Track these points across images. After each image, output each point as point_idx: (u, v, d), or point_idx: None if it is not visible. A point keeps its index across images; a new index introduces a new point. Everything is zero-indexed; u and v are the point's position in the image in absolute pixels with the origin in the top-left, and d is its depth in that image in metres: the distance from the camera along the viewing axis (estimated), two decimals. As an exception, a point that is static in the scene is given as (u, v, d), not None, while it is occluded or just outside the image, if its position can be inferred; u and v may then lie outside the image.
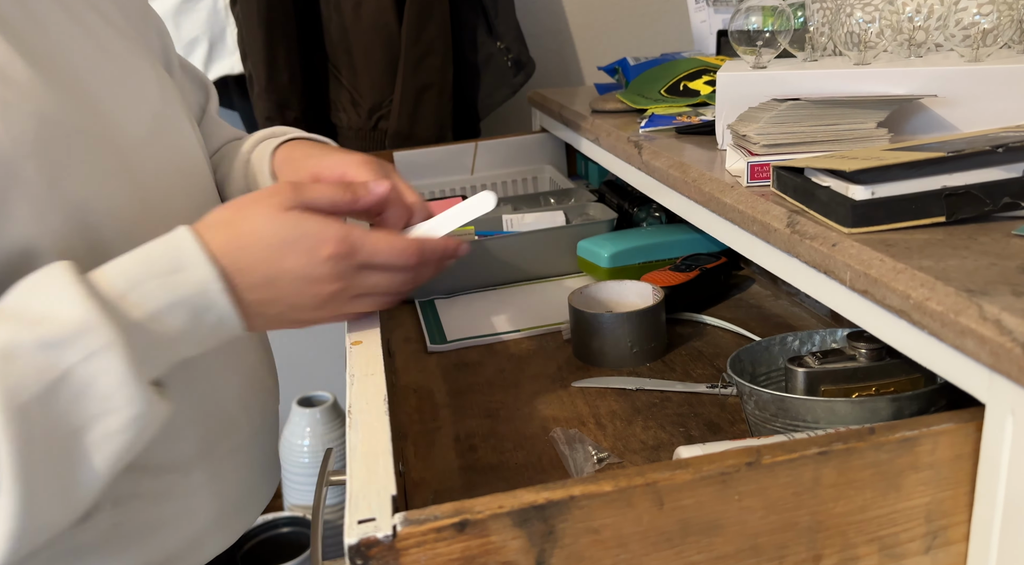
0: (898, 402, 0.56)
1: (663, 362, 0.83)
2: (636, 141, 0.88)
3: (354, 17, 1.36)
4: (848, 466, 0.44)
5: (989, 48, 0.71)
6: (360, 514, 0.39)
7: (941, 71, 0.70)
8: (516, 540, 0.40)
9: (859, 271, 0.51)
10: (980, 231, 0.53)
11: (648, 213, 1.12)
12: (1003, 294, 0.43)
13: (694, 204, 0.75)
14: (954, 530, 0.47)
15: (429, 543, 0.39)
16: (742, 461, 0.42)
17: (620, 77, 1.19)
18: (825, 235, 0.55)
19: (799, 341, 0.71)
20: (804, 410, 0.58)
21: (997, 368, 0.41)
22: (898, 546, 0.47)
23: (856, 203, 0.54)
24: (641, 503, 0.41)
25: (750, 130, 0.68)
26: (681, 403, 0.74)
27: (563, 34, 1.66)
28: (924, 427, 0.45)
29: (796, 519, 0.44)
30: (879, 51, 0.75)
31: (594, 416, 0.73)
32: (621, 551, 0.42)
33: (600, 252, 1.00)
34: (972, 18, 0.70)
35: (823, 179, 0.58)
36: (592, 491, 0.40)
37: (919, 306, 0.46)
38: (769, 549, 0.44)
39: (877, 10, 0.74)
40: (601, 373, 0.81)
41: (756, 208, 0.63)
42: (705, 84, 0.99)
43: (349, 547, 0.38)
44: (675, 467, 0.42)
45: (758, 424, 0.62)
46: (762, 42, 0.78)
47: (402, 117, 1.37)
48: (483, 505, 0.39)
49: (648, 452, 0.67)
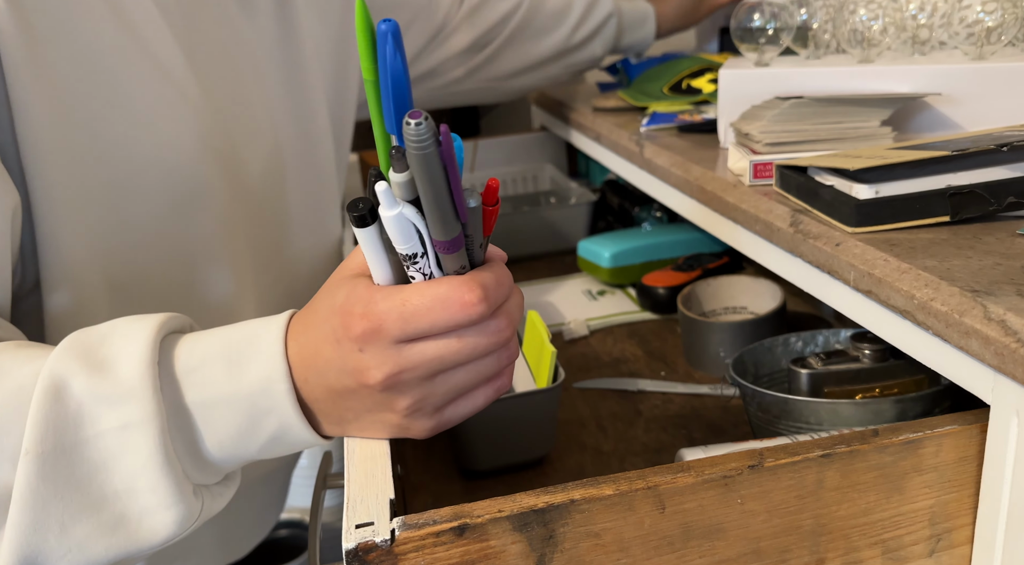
0: (902, 404, 0.56)
1: (665, 363, 0.83)
2: (637, 139, 0.88)
3: (354, 15, 1.35)
4: (851, 468, 0.44)
5: (993, 46, 0.70)
6: (358, 518, 0.39)
7: (945, 69, 0.70)
8: (516, 544, 0.39)
9: (863, 271, 0.50)
10: (985, 231, 0.53)
11: (649, 213, 1.12)
12: (1008, 294, 0.43)
13: (696, 203, 0.75)
14: (958, 533, 0.47)
15: (428, 547, 0.38)
16: (745, 464, 0.42)
17: (622, 76, 1.18)
18: (829, 234, 0.55)
19: (802, 342, 0.71)
20: (807, 412, 0.57)
21: (1002, 369, 0.41)
22: (902, 549, 0.46)
23: (860, 202, 0.53)
24: (642, 506, 0.41)
25: (753, 128, 0.68)
26: (683, 405, 0.74)
27: (564, 32, 1.65)
28: (928, 429, 0.45)
29: (799, 522, 0.44)
30: (883, 49, 0.75)
31: (595, 417, 0.72)
32: (622, 555, 0.41)
33: (601, 252, 0.99)
34: (976, 16, 0.70)
35: (827, 178, 0.57)
36: (593, 494, 0.40)
37: (923, 306, 0.45)
38: (772, 553, 0.44)
39: (881, 7, 0.73)
40: (604, 375, 0.80)
41: (759, 207, 0.63)
42: (708, 82, 0.99)
43: (347, 551, 0.37)
44: (677, 470, 0.42)
45: (761, 426, 0.62)
46: (765, 40, 0.77)
47: (402, 116, 1.36)
48: (482, 509, 0.39)
49: (649, 454, 0.66)
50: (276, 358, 0.43)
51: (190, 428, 0.43)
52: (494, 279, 0.41)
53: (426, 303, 0.40)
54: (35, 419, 0.41)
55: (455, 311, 0.40)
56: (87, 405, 0.42)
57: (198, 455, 0.44)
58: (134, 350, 0.43)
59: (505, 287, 0.42)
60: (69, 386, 0.42)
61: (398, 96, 0.37)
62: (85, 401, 0.42)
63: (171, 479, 0.43)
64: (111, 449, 0.42)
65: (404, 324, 0.40)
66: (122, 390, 0.42)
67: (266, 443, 0.45)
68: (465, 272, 0.42)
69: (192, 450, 0.44)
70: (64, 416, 0.41)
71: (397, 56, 0.36)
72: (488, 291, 0.40)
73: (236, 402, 0.43)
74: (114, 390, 0.42)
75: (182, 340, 0.45)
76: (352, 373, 0.42)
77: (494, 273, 0.42)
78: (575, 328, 0.89)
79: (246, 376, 0.43)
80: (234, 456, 0.45)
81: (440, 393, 0.43)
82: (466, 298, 0.39)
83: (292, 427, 0.44)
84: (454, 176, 0.37)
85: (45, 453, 0.41)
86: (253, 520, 0.78)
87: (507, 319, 0.42)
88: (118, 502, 0.43)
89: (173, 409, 0.43)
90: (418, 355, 0.41)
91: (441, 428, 0.45)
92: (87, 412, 0.42)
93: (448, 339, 0.41)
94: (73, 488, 0.42)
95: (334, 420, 0.45)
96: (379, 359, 0.41)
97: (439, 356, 0.41)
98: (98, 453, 0.42)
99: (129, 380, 0.42)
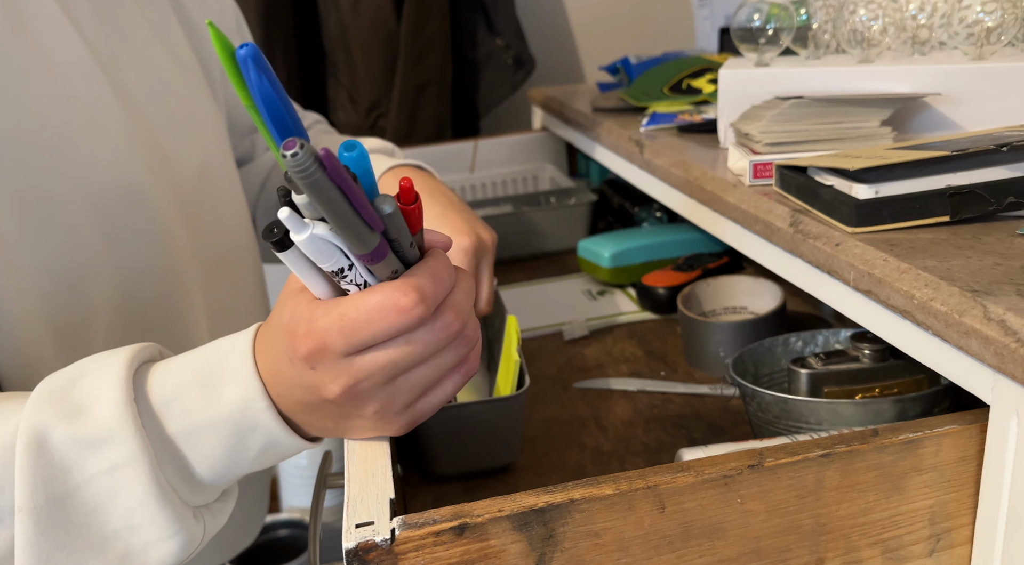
0: (902, 403, 0.56)
1: (665, 363, 0.83)
2: (637, 139, 0.88)
3: (352, 14, 1.35)
4: (851, 468, 0.44)
5: (993, 46, 0.70)
6: (358, 518, 0.39)
7: (945, 69, 0.70)
8: (516, 544, 0.39)
9: (863, 271, 0.51)
10: (984, 231, 0.53)
11: (649, 213, 1.12)
12: (1008, 294, 0.43)
13: (696, 203, 0.75)
14: (958, 532, 0.47)
15: (428, 547, 0.38)
16: (744, 463, 0.42)
17: (622, 76, 1.18)
18: (828, 234, 0.55)
19: (802, 342, 0.71)
20: (807, 412, 0.57)
21: (1001, 369, 0.41)
22: (902, 549, 0.46)
23: (860, 202, 0.53)
24: (642, 506, 0.41)
25: (753, 128, 0.68)
26: (683, 405, 0.74)
27: (563, 31, 1.66)
28: (928, 429, 0.45)
29: (799, 522, 0.44)
30: (882, 49, 0.75)
31: (595, 418, 0.72)
32: (622, 555, 0.41)
33: (601, 252, 0.99)
34: (976, 16, 0.70)
35: (826, 178, 0.57)
36: (593, 494, 0.40)
37: (923, 306, 0.46)
38: (771, 552, 0.44)
39: (881, 7, 0.73)
40: (604, 375, 0.81)
41: (759, 207, 0.63)
42: (708, 82, 0.99)
43: (347, 551, 0.37)
44: (677, 470, 0.42)
45: (761, 426, 0.62)
46: (765, 40, 0.77)
47: (401, 115, 1.36)
48: (482, 508, 0.39)
49: (649, 454, 0.66)
50: (249, 379, 0.43)
51: (179, 457, 0.44)
52: (430, 277, 0.40)
53: (363, 316, 0.39)
54: (22, 476, 0.41)
55: (394, 319, 0.39)
56: (71, 453, 0.42)
57: (191, 480, 0.44)
58: (109, 390, 0.42)
59: (444, 282, 0.41)
60: (49, 438, 0.42)
61: (276, 118, 0.36)
62: (68, 449, 0.42)
63: (169, 510, 0.43)
64: (103, 491, 0.42)
65: (347, 338, 0.39)
66: (103, 432, 0.42)
67: (256, 457, 0.45)
68: (399, 275, 0.41)
69: (185, 476, 0.44)
70: (50, 468, 0.41)
71: (263, 79, 0.35)
72: (424, 291, 0.40)
73: (218, 426, 0.43)
74: (96, 433, 0.42)
75: (154, 371, 0.45)
76: (311, 389, 0.42)
77: (430, 270, 0.41)
78: (575, 328, 0.89)
79: (223, 399, 0.43)
80: (227, 474, 0.45)
81: (404, 392, 0.42)
82: (401, 303, 0.39)
83: (279, 439, 0.44)
84: (352, 193, 0.35)
85: (39, 507, 0.41)
86: (243, 517, 0.78)
87: (453, 312, 0.41)
88: (119, 540, 0.43)
89: (158, 441, 0.43)
90: (369, 364, 0.40)
91: (417, 422, 0.45)
92: (72, 460, 0.42)
93: (396, 345, 0.40)
94: (74, 535, 0.42)
95: (316, 428, 0.45)
96: (331, 375, 0.41)
97: (391, 361, 0.41)
98: (91, 497, 0.42)
99: (109, 421, 0.42)
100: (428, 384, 0.43)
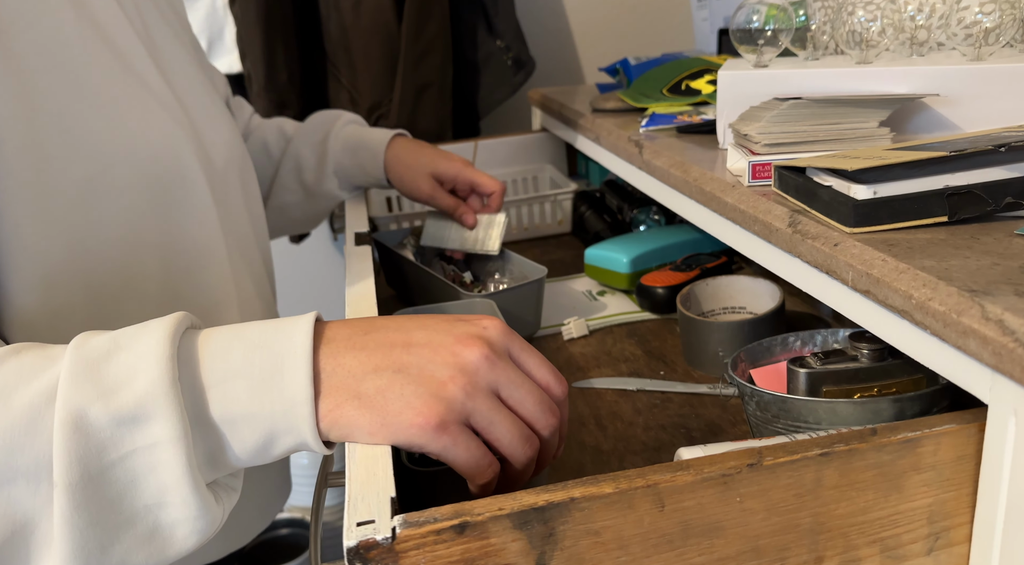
0: (900, 403, 0.56)
1: (664, 362, 0.83)
2: (637, 140, 0.88)
3: (353, 15, 1.36)
4: (850, 467, 0.44)
5: (991, 47, 0.70)
6: (359, 516, 0.39)
7: (943, 70, 0.70)
8: (516, 542, 0.40)
9: (861, 271, 0.51)
10: (982, 231, 0.53)
11: (648, 215, 1.12)
12: (1006, 294, 0.43)
13: (695, 204, 0.75)
14: (956, 531, 0.47)
15: (428, 545, 0.38)
16: (743, 462, 0.42)
17: (621, 77, 1.19)
18: (827, 235, 0.55)
19: (801, 341, 0.71)
20: (806, 411, 0.58)
21: (999, 368, 0.41)
22: (900, 548, 0.46)
23: (858, 203, 0.53)
24: (642, 505, 0.41)
25: (751, 129, 0.68)
26: (682, 404, 0.74)
27: (563, 32, 1.66)
28: (926, 428, 0.45)
29: (798, 521, 0.44)
30: (881, 50, 0.75)
31: (595, 417, 0.73)
32: (622, 553, 0.41)
33: (619, 258, 0.98)
34: (974, 17, 0.70)
35: (825, 178, 0.57)
36: (593, 493, 0.40)
37: (921, 306, 0.46)
38: (770, 551, 0.44)
39: (879, 8, 0.73)
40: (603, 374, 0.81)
41: (757, 208, 0.63)
42: (707, 83, 0.99)
43: (348, 549, 0.38)
44: (676, 469, 0.42)
45: (759, 425, 0.62)
46: (764, 41, 0.78)
47: (401, 116, 1.37)
48: (483, 507, 0.39)
49: (649, 453, 0.67)
50: (302, 383, 0.43)
51: (211, 441, 0.44)
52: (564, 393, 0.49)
53: (530, 347, 0.49)
54: (58, 452, 0.41)
55: (547, 370, 0.48)
56: (108, 430, 0.41)
57: (215, 463, 0.44)
58: (152, 365, 0.42)
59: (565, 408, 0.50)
60: (86, 414, 0.41)
61: None
62: (105, 426, 0.41)
63: (199, 493, 0.43)
64: (139, 468, 0.42)
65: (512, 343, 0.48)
66: (146, 410, 0.41)
67: (280, 453, 0.45)
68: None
69: (211, 459, 0.44)
70: (86, 446, 0.41)
71: None
72: (564, 387, 0.49)
73: (257, 420, 0.43)
74: (137, 411, 0.41)
75: (202, 348, 0.44)
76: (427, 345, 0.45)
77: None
78: (575, 328, 0.89)
79: (270, 396, 0.43)
80: (248, 463, 0.45)
81: (484, 411, 0.44)
82: (556, 374, 0.48)
83: (308, 444, 0.45)
84: None
85: (73, 484, 0.41)
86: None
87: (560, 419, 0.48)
88: (149, 515, 0.43)
89: (195, 422, 0.43)
90: (504, 371, 0.45)
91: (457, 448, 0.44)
92: (109, 437, 0.42)
93: (531, 386, 0.46)
94: (106, 510, 0.42)
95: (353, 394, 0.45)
96: (470, 347, 0.45)
97: (518, 383, 0.46)
98: (125, 473, 0.42)
99: (152, 398, 0.41)
100: (508, 431, 0.45)
